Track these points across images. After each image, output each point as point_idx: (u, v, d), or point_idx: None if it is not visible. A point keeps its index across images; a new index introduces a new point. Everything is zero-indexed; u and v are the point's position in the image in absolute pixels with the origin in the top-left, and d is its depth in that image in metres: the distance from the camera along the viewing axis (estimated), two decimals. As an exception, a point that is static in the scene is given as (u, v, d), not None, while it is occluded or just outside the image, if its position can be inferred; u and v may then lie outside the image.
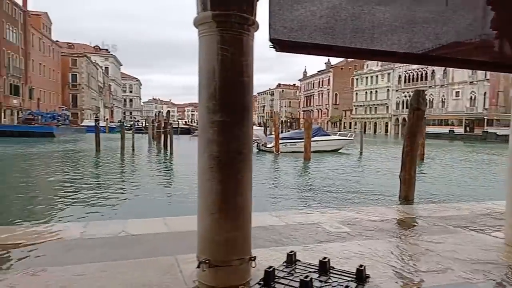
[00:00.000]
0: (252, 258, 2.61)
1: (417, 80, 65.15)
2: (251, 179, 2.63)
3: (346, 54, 2.58)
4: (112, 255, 3.08)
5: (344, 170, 14.53)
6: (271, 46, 2.28)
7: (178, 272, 2.75)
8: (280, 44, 2.30)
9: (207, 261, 2.48)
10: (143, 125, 51.65)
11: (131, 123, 47.04)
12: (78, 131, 36.85)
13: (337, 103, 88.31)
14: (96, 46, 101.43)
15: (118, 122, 65.94)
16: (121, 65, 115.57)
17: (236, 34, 2.47)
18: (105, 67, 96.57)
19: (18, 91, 45.45)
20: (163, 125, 23.82)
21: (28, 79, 48.25)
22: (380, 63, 72.26)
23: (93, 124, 45.71)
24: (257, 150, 21.73)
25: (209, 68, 2.47)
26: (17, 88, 45.13)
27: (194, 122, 62.46)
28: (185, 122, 65.31)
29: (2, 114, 38.68)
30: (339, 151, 22.80)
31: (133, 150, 17.58)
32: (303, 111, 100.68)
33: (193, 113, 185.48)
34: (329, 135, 24.24)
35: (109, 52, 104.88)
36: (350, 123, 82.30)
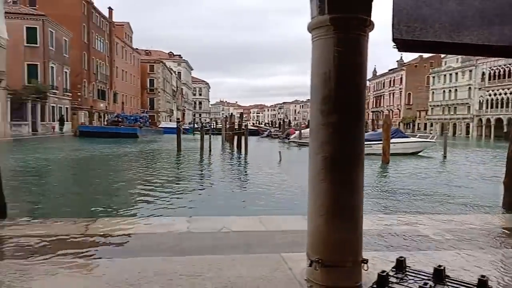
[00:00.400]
0: (364, 261, 2.59)
1: (504, 77, 58.89)
2: (363, 180, 2.62)
3: (472, 51, 2.45)
4: (219, 249, 3.27)
5: (428, 174, 13.68)
6: (394, 46, 2.25)
7: (287, 269, 2.83)
8: (403, 44, 2.26)
9: (319, 261, 2.51)
10: (212, 126, 53.82)
11: (203, 124, 49.34)
12: (157, 132, 39.65)
13: (410, 103, 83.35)
14: (170, 52, 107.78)
15: (188, 123, 69.36)
16: (192, 69, 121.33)
17: (353, 36, 2.48)
18: (178, 72, 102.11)
19: (104, 96, 50.19)
20: (236, 127, 24.59)
21: (113, 84, 53.02)
22: (460, 59, 66.67)
23: (169, 125, 48.84)
24: None
25: (324, 71, 2.51)
26: (103, 93, 49.85)
27: (262, 123, 63.44)
28: (253, 123, 66.40)
29: (90, 116, 43.04)
30: (419, 154, 21.52)
31: (209, 150, 18.44)
32: (372, 112, 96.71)
33: (258, 114, 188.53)
34: (407, 137, 22.98)
35: (181, 57, 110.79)
36: (425, 124, 77.08)
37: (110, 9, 52.22)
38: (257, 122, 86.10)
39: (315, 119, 2.60)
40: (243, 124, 23.20)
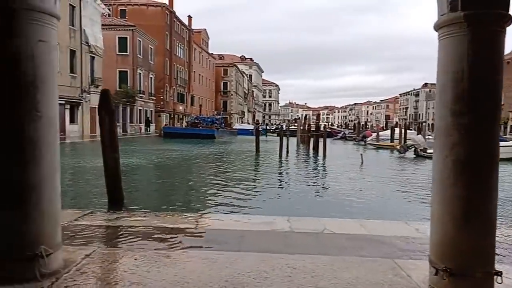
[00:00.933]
0: (498, 273, 2.41)
1: None
2: (497, 184, 2.44)
3: None
4: (327, 250, 3.29)
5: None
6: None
7: (406, 275, 2.74)
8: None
9: (448, 269, 2.40)
10: (284, 128, 54.19)
11: (275, 126, 50.13)
12: (232, 133, 41.18)
13: (502, 103, 74.94)
14: (242, 55, 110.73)
15: (260, 125, 70.49)
16: (262, 71, 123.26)
17: (489, 33, 2.34)
18: (249, 75, 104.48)
19: (183, 99, 53.40)
20: (313, 128, 24.48)
21: (191, 88, 56.17)
22: None
23: (243, 127, 50.34)
24: (415, 155, 20.18)
25: (456, 69, 2.39)
26: (182, 96, 53.06)
27: (335, 125, 62.14)
28: (325, 125, 64.98)
29: (173, 118, 46.10)
30: None
31: (287, 152, 18.60)
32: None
33: (328, 116, 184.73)
34: (505, 140, 20.66)
35: (252, 60, 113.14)
36: (520, 126, 68.74)
37: (189, 17, 55.45)
38: (328, 124, 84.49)
39: (443, 120, 2.49)
40: (321, 125, 22.96)
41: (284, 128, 30.35)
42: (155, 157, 17.42)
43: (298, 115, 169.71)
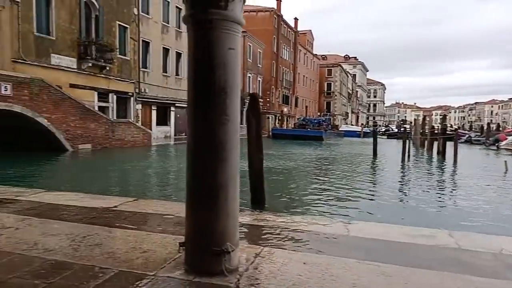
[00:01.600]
0: None
1: None
2: None
3: None
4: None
5: None
6: None
7: None
8: None
9: None
10: (395, 130, 50.94)
11: (384, 128, 47.47)
12: (339, 135, 40.30)
13: None
14: (346, 55, 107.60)
15: (364, 126, 67.29)
16: (367, 71, 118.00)
17: None
18: (353, 74, 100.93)
19: (287, 101, 54.16)
20: (435, 131, 22.41)
21: (295, 89, 56.68)
22: None
23: (350, 129, 48.84)
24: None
25: None
26: (287, 98, 53.86)
27: (455, 126, 55.81)
28: (457, 127, 58.93)
29: (281, 120, 47.15)
30: None
31: (408, 156, 17.28)
32: None
33: (441, 117, 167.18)
34: None
35: (357, 59, 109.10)
36: None
37: (295, 19, 56.01)
38: (451, 125, 76.35)
39: None
40: (446, 128, 20.79)
41: (396, 130, 28.30)
42: (274, 157, 17.68)
43: (405, 116, 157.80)
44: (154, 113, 24.49)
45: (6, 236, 3.40)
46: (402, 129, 29.89)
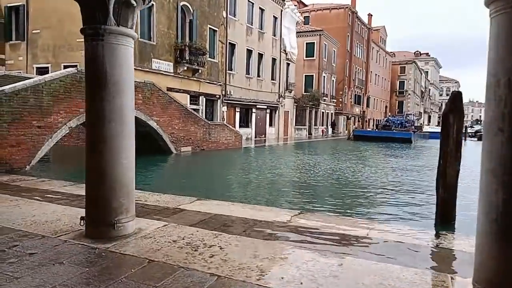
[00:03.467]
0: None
1: None
2: None
3: None
4: None
5: None
6: None
7: None
8: None
9: None
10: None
11: (475, 129, 43.42)
12: (424, 137, 37.52)
13: None
14: (417, 51, 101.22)
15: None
16: (440, 67, 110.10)
17: None
18: (425, 71, 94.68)
19: (359, 100, 51.95)
20: None
21: (367, 89, 54.19)
22: None
23: (434, 130, 45.38)
24: None
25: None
26: (359, 98, 51.66)
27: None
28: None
29: (362, 120, 45.35)
30: None
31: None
32: None
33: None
34: None
35: (429, 55, 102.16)
36: None
37: (370, 15, 53.55)
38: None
39: None
40: None
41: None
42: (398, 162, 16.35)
43: (480, 116, 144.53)
44: (237, 115, 24.49)
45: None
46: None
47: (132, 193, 4.03)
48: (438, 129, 35.40)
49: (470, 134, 41.27)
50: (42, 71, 16.46)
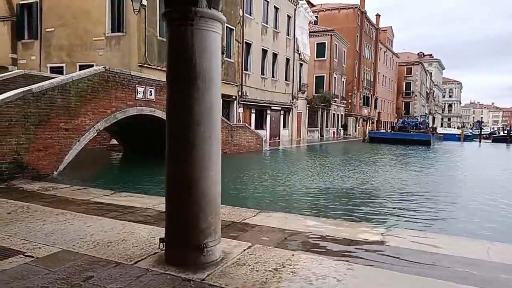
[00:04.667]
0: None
1: None
2: None
3: None
4: None
5: None
6: None
7: None
8: None
9: None
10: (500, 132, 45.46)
11: (490, 131, 42.81)
12: (439, 138, 36.91)
13: None
14: (420, 52, 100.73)
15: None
16: (443, 68, 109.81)
17: None
18: (429, 73, 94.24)
19: (368, 102, 51.29)
20: None
21: (375, 90, 53.54)
22: None
23: (447, 132, 44.77)
24: None
25: None
26: (367, 99, 51.00)
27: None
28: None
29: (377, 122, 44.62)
30: None
31: None
32: None
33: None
34: None
35: (432, 56, 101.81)
36: None
37: (378, 15, 52.95)
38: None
39: None
40: None
41: (505, 133, 24.56)
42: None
43: (481, 117, 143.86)
44: (253, 116, 23.83)
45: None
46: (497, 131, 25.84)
47: (219, 210, 3.39)
48: (452, 131, 34.83)
49: (484, 136, 40.64)
50: (56, 70, 15.81)
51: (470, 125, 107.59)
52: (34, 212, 4.74)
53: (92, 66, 15.60)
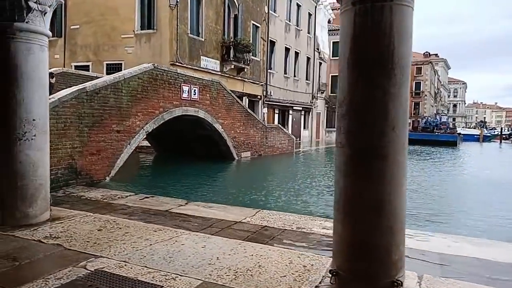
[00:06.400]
0: None
1: None
2: None
3: None
4: None
5: None
6: None
7: None
8: None
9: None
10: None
11: (510, 131, 42.05)
12: (459, 139, 36.13)
13: None
14: (426, 52, 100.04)
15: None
16: (449, 68, 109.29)
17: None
18: (437, 72, 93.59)
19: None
20: None
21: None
22: None
23: (467, 132, 43.99)
24: None
25: None
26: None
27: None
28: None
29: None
30: None
31: None
32: None
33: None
34: None
35: (438, 56, 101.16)
36: None
37: (390, 14, 52.22)
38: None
39: None
40: None
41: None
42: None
43: (484, 117, 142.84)
44: (276, 117, 23.15)
45: None
46: None
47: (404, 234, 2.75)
48: (471, 131, 34.10)
49: (504, 136, 39.87)
50: (81, 70, 15.15)
51: (474, 125, 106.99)
52: (126, 228, 4.08)
53: (121, 65, 15.03)
